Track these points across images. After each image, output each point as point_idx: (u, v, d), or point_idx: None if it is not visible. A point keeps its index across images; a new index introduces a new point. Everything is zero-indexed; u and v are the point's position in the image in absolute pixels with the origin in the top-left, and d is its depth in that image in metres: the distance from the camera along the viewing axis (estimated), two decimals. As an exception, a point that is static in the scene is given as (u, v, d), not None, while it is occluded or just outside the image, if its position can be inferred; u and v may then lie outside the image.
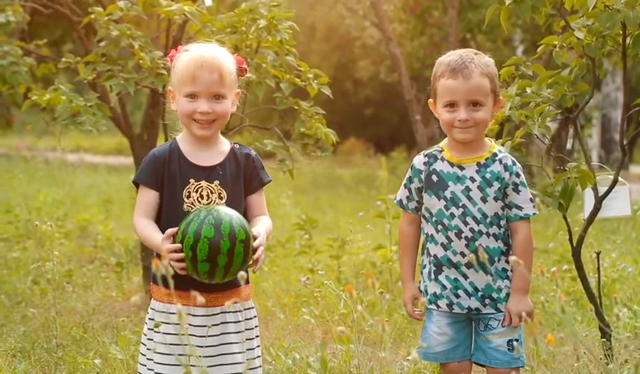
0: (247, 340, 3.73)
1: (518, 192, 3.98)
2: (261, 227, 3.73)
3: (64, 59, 6.08)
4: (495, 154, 4.01)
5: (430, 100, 4.06)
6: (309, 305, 6.62)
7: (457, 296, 4.00)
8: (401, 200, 4.14)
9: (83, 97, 5.84)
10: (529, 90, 4.73)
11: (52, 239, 6.15)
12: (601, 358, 4.82)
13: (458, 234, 3.96)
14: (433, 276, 4.03)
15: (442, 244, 3.99)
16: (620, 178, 4.87)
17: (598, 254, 5.28)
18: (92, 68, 5.80)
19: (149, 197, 3.73)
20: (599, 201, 4.89)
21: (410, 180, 4.09)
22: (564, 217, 4.89)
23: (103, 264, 8.53)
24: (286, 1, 6.06)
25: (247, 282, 3.70)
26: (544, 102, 4.68)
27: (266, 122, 6.55)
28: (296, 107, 5.93)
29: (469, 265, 3.96)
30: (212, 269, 3.55)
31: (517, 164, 4.03)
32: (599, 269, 5.24)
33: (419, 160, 4.10)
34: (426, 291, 4.07)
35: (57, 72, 6.99)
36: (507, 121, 4.99)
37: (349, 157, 24.08)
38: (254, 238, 3.63)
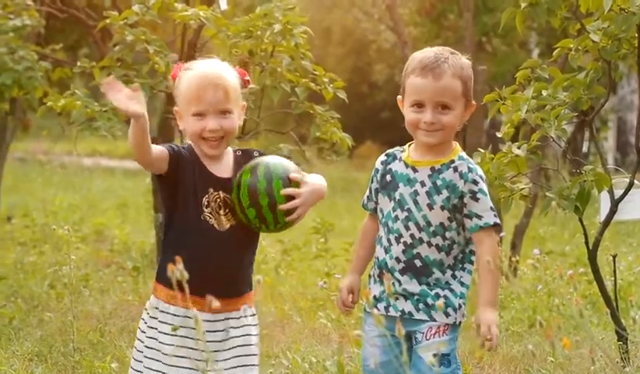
0: (246, 345, 3.67)
1: (476, 200, 3.63)
2: (310, 177, 3.69)
3: (79, 64, 6.11)
4: (453, 161, 3.68)
5: (399, 96, 3.76)
6: (325, 308, 6.62)
7: (395, 298, 3.67)
8: (363, 200, 3.88)
9: (99, 101, 5.86)
10: (544, 93, 4.73)
11: (69, 243, 6.13)
12: (617, 362, 4.81)
13: (398, 239, 3.67)
14: (377, 279, 3.75)
15: (384, 247, 3.73)
16: (636, 181, 4.86)
17: (614, 257, 5.27)
18: (107, 72, 5.82)
19: (162, 147, 3.68)
20: (615, 204, 4.88)
21: (371, 180, 3.84)
22: (580, 220, 4.88)
23: (120, 268, 8.54)
24: (302, 4, 6.08)
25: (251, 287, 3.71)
26: (560, 105, 4.67)
27: (282, 126, 6.57)
28: (311, 112, 5.94)
29: (402, 271, 3.66)
30: (260, 213, 3.58)
31: (476, 171, 3.68)
32: (615, 272, 5.23)
33: (379, 159, 3.85)
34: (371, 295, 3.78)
35: (73, 76, 7.01)
36: (523, 124, 4.99)
37: (365, 161, 24.00)
38: (299, 181, 3.62)
